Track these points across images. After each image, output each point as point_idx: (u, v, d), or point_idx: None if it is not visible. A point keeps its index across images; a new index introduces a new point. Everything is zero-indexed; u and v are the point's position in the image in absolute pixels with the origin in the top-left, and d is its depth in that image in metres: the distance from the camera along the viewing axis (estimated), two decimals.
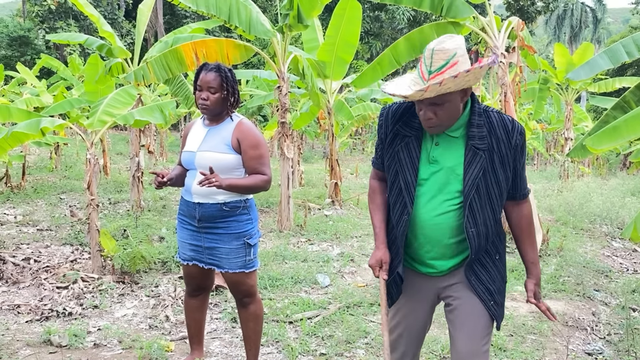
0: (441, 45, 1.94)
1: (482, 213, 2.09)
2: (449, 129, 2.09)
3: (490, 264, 2.19)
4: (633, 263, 6.64)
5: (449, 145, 2.10)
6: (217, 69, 2.92)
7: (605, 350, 3.90)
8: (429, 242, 2.17)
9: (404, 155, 2.14)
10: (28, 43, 26.41)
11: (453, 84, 1.92)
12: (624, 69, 26.71)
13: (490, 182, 2.08)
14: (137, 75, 6.34)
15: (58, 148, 13.06)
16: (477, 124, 2.07)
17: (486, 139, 2.06)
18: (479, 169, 2.05)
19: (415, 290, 2.30)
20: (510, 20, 7.08)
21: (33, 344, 3.68)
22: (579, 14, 51.44)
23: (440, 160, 2.10)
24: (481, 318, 2.18)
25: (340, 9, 8.07)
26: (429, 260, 2.21)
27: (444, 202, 2.11)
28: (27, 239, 6.43)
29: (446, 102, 1.98)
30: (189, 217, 3.00)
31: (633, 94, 4.42)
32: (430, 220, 2.12)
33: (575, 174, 14.49)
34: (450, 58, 1.92)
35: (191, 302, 3.24)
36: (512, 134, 2.07)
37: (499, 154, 2.07)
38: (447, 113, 2.01)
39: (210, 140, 2.93)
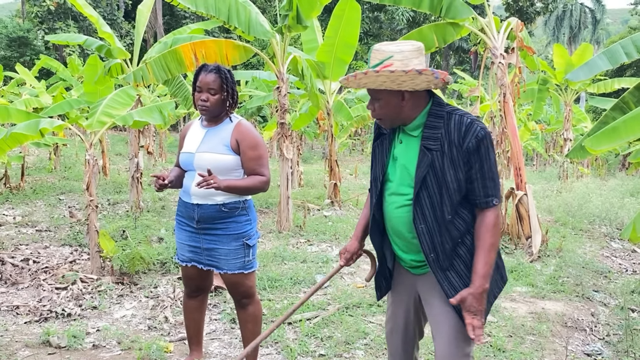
0: (380, 47, 2.11)
1: (432, 211, 2.13)
2: (409, 128, 2.20)
3: (464, 270, 2.15)
4: (632, 264, 6.64)
5: (408, 144, 2.22)
6: (216, 70, 2.91)
7: (604, 351, 3.90)
8: (396, 235, 2.30)
9: (378, 151, 2.33)
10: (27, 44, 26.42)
11: (368, 81, 2.06)
12: (623, 70, 26.75)
13: (440, 182, 2.11)
14: (136, 76, 6.34)
15: (57, 149, 13.06)
16: (432, 126, 2.14)
17: (439, 140, 2.11)
18: (426, 167, 2.12)
19: (400, 286, 2.41)
20: (509, 21, 7.09)
21: (32, 345, 3.68)
22: (578, 15, 51.46)
23: (399, 157, 2.24)
24: (451, 321, 2.18)
25: (339, 10, 8.07)
26: (400, 253, 2.32)
27: (400, 196, 2.22)
28: (26, 239, 6.42)
29: (379, 98, 2.14)
30: (187, 218, 2.99)
31: (632, 94, 4.43)
32: (392, 213, 2.26)
33: (574, 174, 14.50)
34: (384, 59, 2.05)
35: (190, 303, 3.23)
36: (466, 137, 2.07)
37: (450, 155, 2.10)
38: (382, 109, 2.16)
39: (208, 141, 2.92)
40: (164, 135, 18.63)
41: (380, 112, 2.17)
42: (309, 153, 22.84)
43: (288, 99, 7.73)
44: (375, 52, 2.09)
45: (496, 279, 2.26)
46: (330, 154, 9.73)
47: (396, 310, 2.44)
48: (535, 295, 5.06)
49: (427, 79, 2.03)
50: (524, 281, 5.41)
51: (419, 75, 2.00)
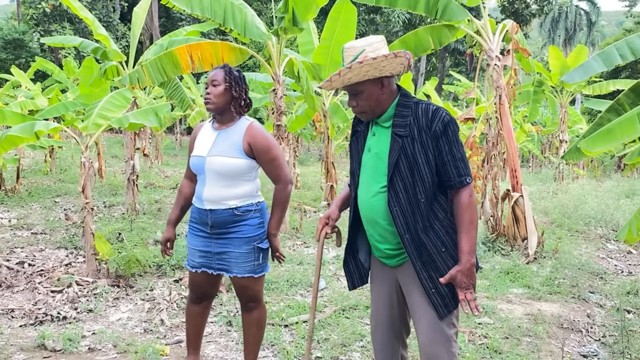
0: (351, 44, 2.26)
1: (405, 193, 2.25)
2: (381, 120, 2.34)
3: (435, 253, 2.26)
4: (628, 265, 6.66)
5: (380, 135, 2.36)
6: (223, 66, 2.93)
7: (600, 352, 3.90)
8: (370, 225, 2.39)
9: (354, 147, 2.48)
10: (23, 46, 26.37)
11: (352, 74, 2.20)
12: (618, 72, 26.84)
13: (412, 165, 2.25)
14: (132, 78, 6.32)
15: (53, 151, 13.03)
16: (401, 115, 2.29)
17: (408, 127, 2.26)
18: (397, 152, 2.26)
19: (379, 280, 2.49)
20: (504, 23, 7.11)
21: (27, 349, 3.66)
22: (574, 17, 51.64)
23: (372, 148, 2.37)
24: (431, 310, 2.28)
25: (335, 12, 8.07)
26: (376, 243, 2.41)
27: (374, 184, 2.34)
28: (21, 242, 6.40)
29: (361, 91, 2.26)
30: (201, 224, 2.95)
31: (627, 96, 4.44)
32: (366, 203, 2.37)
33: (570, 176, 14.54)
34: (358, 53, 2.21)
35: (193, 309, 3.17)
36: (433, 121, 2.23)
37: (419, 139, 2.24)
38: (365, 101, 2.28)
39: (220, 144, 2.87)
40: (160, 137, 18.60)
41: (363, 104, 2.30)
42: (306, 155, 22.84)
43: (284, 101, 7.73)
44: (348, 49, 2.25)
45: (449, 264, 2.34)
46: (327, 156, 9.73)
47: (378, 305, 2.49)
48: (531, 296, 5.07)
49: (401, 62, 2.22)
50: (520, 283, 5.42)
51: (395, 57, 2.19)
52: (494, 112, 7.29)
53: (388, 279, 2.44)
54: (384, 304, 2.47)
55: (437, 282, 2.25)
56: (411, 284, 2.33)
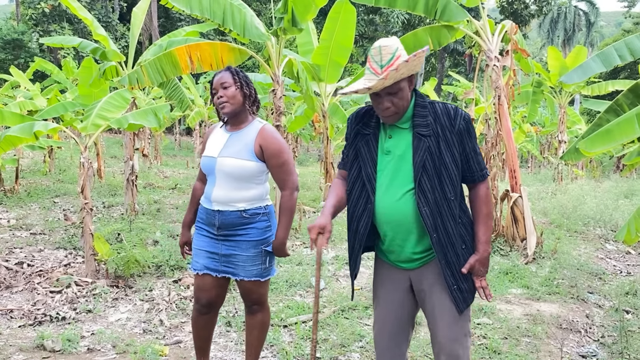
0: (385, 42, 2.24)
1: (432, 193, 2.26)
2: (399, 122, 2.33)
3: (459, 251, 2.31)
4: (626, 265, 6.67)
5: (399, 137, 2.33)
6: (226, 68, 2.91)
7: (599, 353, 3.91)
8: (392, 229, 2.34)
9: (364, 151, 2.39)
10: (22, 46, 26.36)
11: (405, 69, 2.19)
12: (617, 72, 26.88)
13: (437, 164, 2.26)
14: (131, 79, 6.32)
15: (52, 152, 13.02)
16: (421, 115, 2.30)
17: (430, 126, 2.28)
18: (424, 152, 2.26)
19: (390, 283, 2.45)
20: (503, 23, 7.12)
21: (26, 349, 3.66)
22: (572, 18, 51.65)
23: (392, 150, 2.33)
24: (451, 304, 2.32)
25: (334, 13, 8.08)
26: (396, 247, 2.37)
27: (399, 187, 2.30)
28: (20, 243, 6.39)
29: (399, 90, 2.24)
30: (208, 225, 2.93)
31: (626, 97, 4.44)
32: (391, 207, 2.31)
33: (569, 176, 14.55)
34: (394, 52, 2.22)
35: (200, 320, 3.08)
36: (455, 120, 2.28)
37: (444, 138, 2.27)
38: (401, 100, 2.26)
39: (232, 145, 2.85)
40: (159, 137, 18.59)
41: (399, 103, 2.26)
42: (305, 155, 22.84)
43: (283, 101, 7.73)
44: (385, 47, 2.22)
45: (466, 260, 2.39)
46: (326, 156, 9.73)
47: (386, 308, 2.47)
48: (530, 297, 5.07)
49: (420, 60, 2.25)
50: (519, 283, 5.42)
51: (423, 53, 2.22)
52: (493, 113, 7.29)
53: (400, 281, 2.42)
54: (394, 308, 2.45)
55: (458, 279, 2.31)
56: (431, 285, 2.35)
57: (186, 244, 3.15)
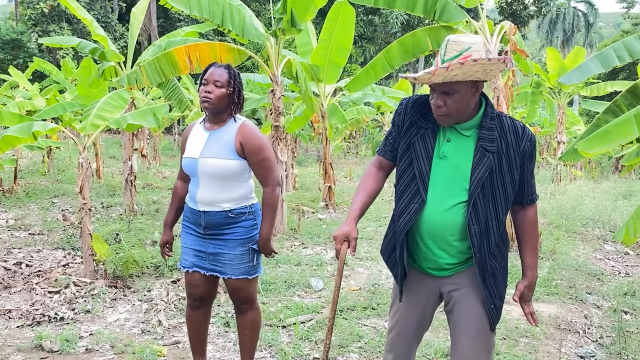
0: (457, 38, 2.05)
1: (485, 212, 2.16)
2: (462, 127, 2.18)
3: (498, 268, 2.24)
4: (625, 266, 6.67)
5: (459, 143, 2.18)
6: (227, 67, 2.88)
7: (597, 353, 3.91)
8: (432, 238, 2.22)
9: (419, 145, 2.22)
10: (21, 46, 26.33)
11: (460, 71, 2.00)
12: (615, 73, 26.91)
13: (496, 183, 2.15)
14: (130, 79, 6.32)
15: (50, 152, 13.01)
16: (488, 127, 2.16)
17: (496, 142, 2.15)
18: (486, 169, 2.13)
19: (417, 289, 2.35)
20: (502, 24, 7.11)
21: (24, 349, 3.66)
22: (571, 18, 51.71)
23: (449, 156, 2.18)
24: (483, 320, 2.24)
25: (333, 13, 8.09)
26: (431, 255, 2.26)
27: (450, 198, 2.17)
28: (18, 243, 6.39)
29: (455, 92, 2.06)
30: (194, 224, 2.93)
31: (624, 98, 4.45)
32: (437, 215, 2.19)
33: (567, 177, 14.55)
34: (463, 50, 2.01)
35: (193, 316, 3.10)
36: (522, 140, 2.16)
37: (507, 157, 2.15)
38: (456, 104, 2.09)
39: (212, 145, 2.83)
40: (158, 138, 18.58)
41: (453, 106, 2.10)
42: (304, 156, 22.83)
43: (282, 101, 7.73)
44: (453, 43, 2.04)
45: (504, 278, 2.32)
46: (325, 156, 9.73)
47: (408, 313, 2.38)
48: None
49: (502, 68, 2.06)
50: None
51: (502, 64, 2.03)
52: None
53: (427, 287, 2.34)
54: (415, 313, 2.38)
55: (495, 297, 2.23)
56: (463, 294, 2.26)
57: (167, 244, 3.14)
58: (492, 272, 2.22)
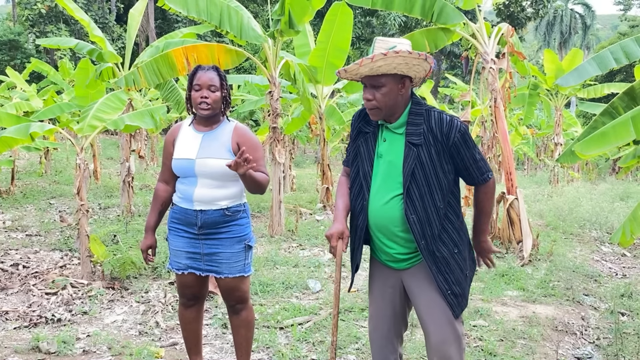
0: (383, 38, 2.28)
1: (421, 201, 2.30)
2: (393, 126, 2.35)
3: (449, 256, 2.34)
4: (622, 267, 6.68)
5: (392, 141, 2.37)
6: (215, 69, 2.89)
7: (594, 355, 3.92)
8: (380, 231, 2.40)
9: (363, 149, 2.44)
10: (18, 47, 26.27)
11: (384, 62, 2.19)
12: (612, 75, 26.97)
13: (428, 173, 2.29)
14: (127, 80, 6.31)
15: (48, 153, 12.99)
16: (414, 123, 2.32)
17: (422, 135, 2.30)
18: (413, 160, 2.29)
19: (381, 282, 2.51)
20: (500, 26, 7.14)
21: (21, 351, 3.65)
22: (569, 21, 51.89)
23: (384, 154, 2.37)
24: (443, 307, 2.34)
25: (331, 15, 8.09)
26: (384, 248, 2.42)
27: (387, 192, 2.35)
28: (15, 244, 6.38)
29: (382, 85, 2.25)
30: (186, 224, 2.92)
31: (621, 100, 4.46)
32: (378, 210, 2.36)
33: (565, 179, 14.59)
34: (389, 48, 2.21)
35: (187, 314, 3.12)
36: (450, 133, 2.29)
37: (435, 148, 2.29)
38: (384, 97, 2.27)
39: (208, 146, 2.85)
40: (155, 139, 18.57)
41: (380, 99, 2.27)
42: (302, 157, 22.84)
43: (280, 103, 7.73)
44: (380, 42, 2.25)
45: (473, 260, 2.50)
46: (323, 158, 9.74)
47: (380, 306, 2.51)
48: (526, 299, 5.08)
49: (425, 67, 2.26)
50: (515, 285, 5.43)
51: (425, 60, 2.22)
52: (489, 115, 7.32)
53: (391, 280, 2.47)
54: (386, 304, 2.50)
55: (452, 283, 2.34)
56: (421, 286, 2.38)
57: (150, 248, 3.08)
58: (444, 258, 2.32)
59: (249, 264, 3.00)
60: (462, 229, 2.40)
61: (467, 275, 2.41)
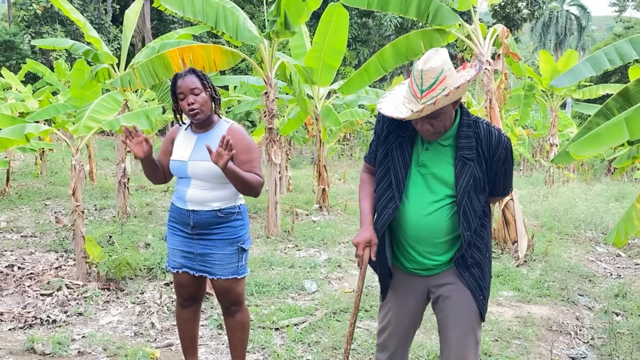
0: (428, 65, 2.06)
1: (474, 216, 2.26)
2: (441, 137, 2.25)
3: (483, 260, 2.32)
4: (616, 268, 6.71)
5: (437, 152, 2.26)
6: (191, 71, 2.87)
7: (588, 355, 3.94)
8: (417, 241, 2.31)
9: (397, 153, 2.30)
10: (13, 48, 26.21)
11: (446, 101, 2.07)
12: (608, 76, 27.09)
13: (478, 188, 2.25)
14: (123, 81, 6.31)
15: (43, 154, 12.95)
16: (465, 135, 2.23)
17: (474, 149, 2.22)
18: (469, 177, 2.22)
19: (405, 289, 2.43)
20: (495, 27, 7.16)
21: (16, 352, 3.64)
22: (564, 22, 52.02)
23: (428, 165, 2.27)
24: (472, 314, 2.32)
25: (327, 16, 8.10)
26: (419, 257, 2.34)
27: (432, 203, 2.26)
28: (11, 245, 6.36)
29: (441, 114, 2.14)
30: (181, 224, 2.94)
31: (615, 101, 4.47)
32: (419, 220, 2.27)
33: (560, 179, 14.63)
34: (438, 75, 2.05)
35: (183, 314, 3.13)
36: (497, 149, 2.24)
37: (483, 161, 2.24)
38: (442, 123, 2.18)
39: (201, 148, 2.85)
40: (151, 140, 18.52)
41: (440, 125, 2.17)
42: (298, 158, 22.83)
43: (276, 104, 7.74)
44: (427, 72, 2.05)
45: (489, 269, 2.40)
46: (319, 159, 9.74)
47: (400, 313, 2.45)
48: (521, 299, 5.10)
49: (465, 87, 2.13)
50: (510, 285, 5.45)
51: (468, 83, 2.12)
52: (484, 116, 7.33)
53: (416, 287, 2.41)
54: (407, 312, 2.44)
55: (484, 289, 2.33)
56: (449, 291, 2.33)
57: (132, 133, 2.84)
58: (477, 264, 2.30)
59: (243, 266, 2.99)
60: (489, 232, 2.38)
61: (491, 277, 2.41)
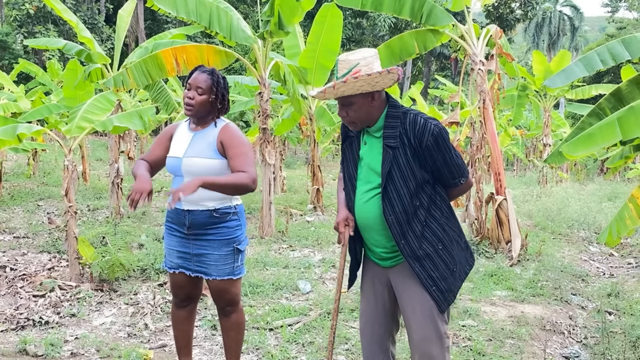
0: (345, 57, 2.32)
1: (400, 202, 2.35)
2: (372, 130, 2.42)
3: (433, 252, 2.37)
4: (609, 267, 6.75)
5: (372, 145, 2.45)
6: (210, 72, 2.88)
7: (581, 354, 3.95)
8: (365, 230, 2.49)
9: (348, 152, 2.54)
10: (6, 48, 26.04)
11: (346, 88, 2.28)
12: (601, 76, 27.21)
13: (405, 173, 2.34)
14: (116, 81, 6.28)
15: (36, 154, 12.89)
16: (391, 126, 2.38)
17: (398, 138, 2.35)
18: (389, 162, 2.35)
19: (371, 279, 2.57)
20: (488, 28, 7.18)
21: (8, 354, 3.62)
22: (557, 22, 52.28)
23: (364, 157, 2.46)
24: (427, 306, 2.38)
25: (321, 16, 8.10)
26: (371, 246, 2.51)
27: (367, 192, 2.44)
28: (3, 246, 6.32)
29: (352, 103, 2.34)
30: (177, 224, 2.93)
31: (608, 101, 4.50)
32: (360, 209, 2.46)
33: (553, 179, 14.68)
34: (352, 67, 2.28)
35: (179, 314, 3.12)
36: (423, 137, 2.32)
37: (410, 149, 2.34)
38: (356, 113, 2.36)
39: (196, 145, 2.87)
40: (145, 140, 18.47)
41: (353, 115, 2.38)
42: (292, 158, 22.83)
43: (270, 104, 7.73)
44: (342, 62, 2.31)
45: (466, 257, 2.50)
46: (313, 159, 9.74)
47: (370, 303, 2.57)
48: (514, 299, 5.11)
49: (392, 77, 2.30)
50: (503, 285, 5.46)
51: (388, 74, 2.27)
52: (478, 116, 7.35)
53: (381, 277, 2.53)
54: (376, 301, 2.55)
55: (436, 279, 2.37)
56: (406, 282, 2.42)
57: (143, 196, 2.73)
58: (427, 255, 2.36)
59: (240, 267, 2.98)
60: (447, 224, 2.42)
61: (454, 271, 2.41)
